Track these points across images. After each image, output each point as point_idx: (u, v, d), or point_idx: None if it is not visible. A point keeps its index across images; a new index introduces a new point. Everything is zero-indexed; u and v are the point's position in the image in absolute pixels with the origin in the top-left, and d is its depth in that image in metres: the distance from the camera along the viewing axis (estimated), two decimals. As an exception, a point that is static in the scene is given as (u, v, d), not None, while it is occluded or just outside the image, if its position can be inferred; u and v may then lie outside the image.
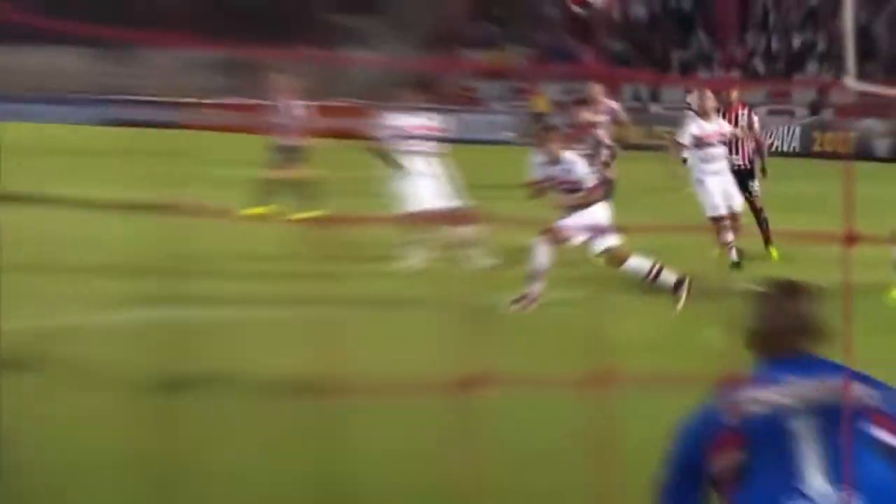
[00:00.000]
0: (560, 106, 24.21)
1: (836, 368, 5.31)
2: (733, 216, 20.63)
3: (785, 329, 5.50)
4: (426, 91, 23.80)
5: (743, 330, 5.63)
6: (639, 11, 61.14)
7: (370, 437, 10.21)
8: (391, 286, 18.21)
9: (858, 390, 5.28)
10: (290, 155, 26.48)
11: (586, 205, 18.40)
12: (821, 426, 5.19)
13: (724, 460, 5.18)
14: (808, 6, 57.46)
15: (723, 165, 20.97)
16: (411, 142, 20.54)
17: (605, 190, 19.61)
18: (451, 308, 15.78)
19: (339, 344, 8.55)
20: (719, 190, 20.72)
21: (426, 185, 20.32)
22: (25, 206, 6.05)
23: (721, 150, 20.95)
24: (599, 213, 18.57)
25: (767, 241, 20.93)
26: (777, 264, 20.17)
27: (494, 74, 48.23)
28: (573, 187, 18.38)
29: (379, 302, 16.63)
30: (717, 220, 20.39)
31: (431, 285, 18.44)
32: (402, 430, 11.09)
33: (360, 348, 11.56)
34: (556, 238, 17.52)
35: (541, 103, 42.31)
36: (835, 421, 5.17)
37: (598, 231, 18.48)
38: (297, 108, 27.11)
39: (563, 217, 18.00)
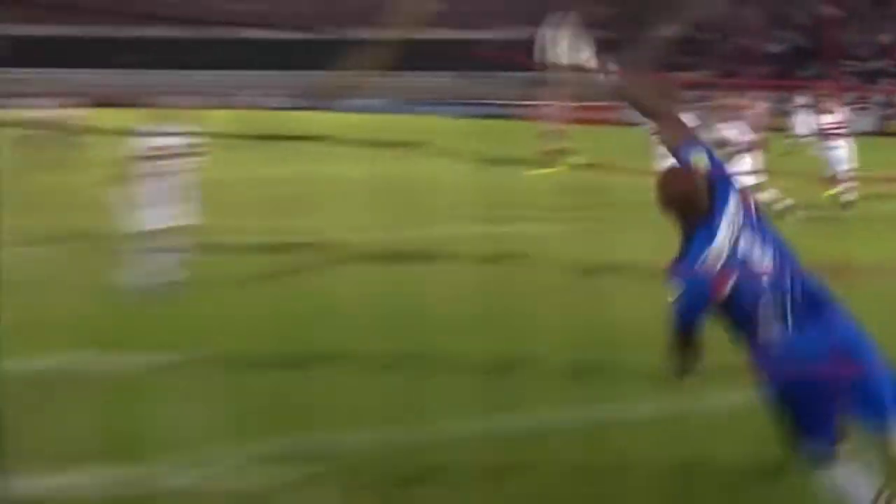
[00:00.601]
0: (727, 103, 23.62)
1: (727, 199, 4.88)
2: (842, 173, 20.04)
3: (701, 194, 4.84)
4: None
5: (677, 208, 4.89)
6: (774, 48, 60.71)
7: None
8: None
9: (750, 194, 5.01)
10: (557, 135, 27.06)
11: (735, 158, 18.15)
12: (749, 231, 4.81)
13: (723, 291, 4.73)
14: (877, 45, 56.50)
15: (839, 142, 20.50)
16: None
17: (749, 150, 19.24)
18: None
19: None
20: (833, 159, 20.33)
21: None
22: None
23: (836, 132, 20.66)
24: (745, 164, 18.74)
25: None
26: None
27: (694, 86, 47.36)
28: (721, 146, 18.46)
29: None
30: (831, 176, 19.84)
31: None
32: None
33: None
34: None
35: (717, 102, 41.65)
36: (752, 222, 4.84)
37: (745, 177, 18.68)
38: (566, 109, 28.04)
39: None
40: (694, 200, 4.84)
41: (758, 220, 4.90)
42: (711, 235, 4.78)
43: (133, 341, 9.10)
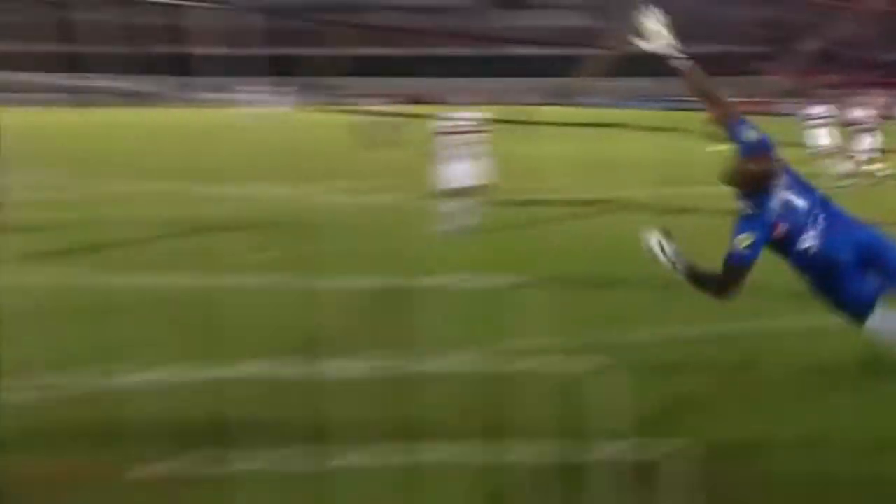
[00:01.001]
0: (854, 97, 22.01)
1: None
2: None
3: (771, 172, 4.50)
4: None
5: (751, 179, 4.48)
6: (889, 57, 56.43)
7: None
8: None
9: (784, 163, 4.58)
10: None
11: (859, 136, 17.23)
12: (790, 187, 4.52)
13: (780, 235, 4.45)
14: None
15: None
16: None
17: (869, 131, 17.85)
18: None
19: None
20: None
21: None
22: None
23: None
24: (866, 141, 17.70)
25: None
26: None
27: (830, 85, 44.39)
28: (850, 125, 17.55)
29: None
30: None
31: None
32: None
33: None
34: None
35: (847, 96, 38.68)
36: (790, 178, 4.55)
37: (871, 152, 17.66)
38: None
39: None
40: (765, 177, 4.53)
41: (792, 176, 4.62)
42: (770, 196, 4.51)
43: (462, 269, 8.65)
